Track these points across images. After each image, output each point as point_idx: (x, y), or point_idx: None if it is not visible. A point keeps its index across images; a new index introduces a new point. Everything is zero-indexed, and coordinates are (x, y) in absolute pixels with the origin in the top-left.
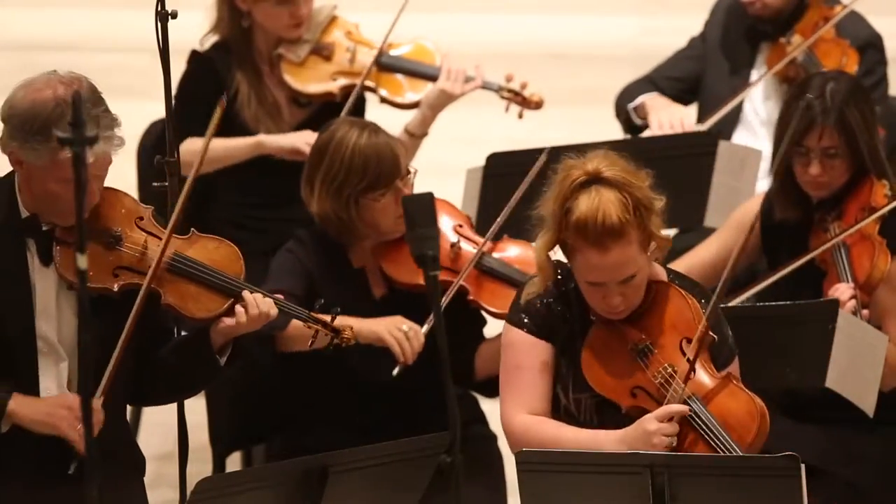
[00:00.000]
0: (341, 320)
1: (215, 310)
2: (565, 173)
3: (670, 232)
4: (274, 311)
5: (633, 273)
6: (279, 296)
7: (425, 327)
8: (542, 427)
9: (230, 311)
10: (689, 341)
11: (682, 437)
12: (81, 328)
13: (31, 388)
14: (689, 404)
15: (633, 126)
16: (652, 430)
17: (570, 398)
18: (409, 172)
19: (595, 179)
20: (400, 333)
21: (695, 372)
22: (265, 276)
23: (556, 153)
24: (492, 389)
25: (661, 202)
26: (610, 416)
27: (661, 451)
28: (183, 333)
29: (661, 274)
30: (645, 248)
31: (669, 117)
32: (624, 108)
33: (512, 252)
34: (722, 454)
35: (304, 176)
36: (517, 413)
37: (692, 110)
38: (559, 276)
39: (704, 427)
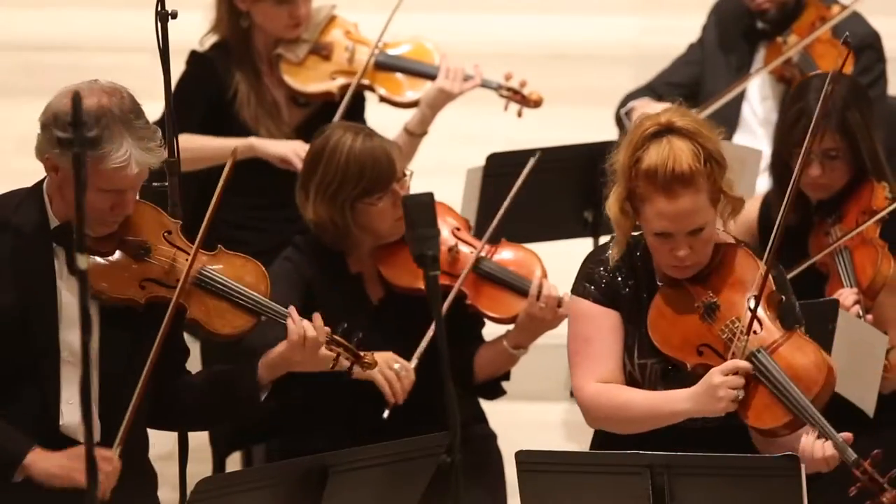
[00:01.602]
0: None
1: (240, 327)
2: (637, 124)
3: None
4: (322, 336)
5: (701, 225)
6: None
7: (414, 361)
8: (612, 393)
9: (252, 330)
10: (757, 298)
11: (750, 389)
12: (83, 330)
13: (54, 397)
14: (755, 356)
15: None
16: (717, 383)
17: (636, 363)
18: (404, 175)
19: (667, 129)
20: (391, 373)
21: (762, 326)
22: None
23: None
24: (491, 392)
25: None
26: (675, 381)
27: (728, 405)
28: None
29: (730, 239)
30: (714, 202)
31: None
32: (619, 115)
33: (510, 256)
34: (788, 404)
35: (299, 182)
36: (588, 382)
37: None
38: (627, 243)
39: (771, 378)
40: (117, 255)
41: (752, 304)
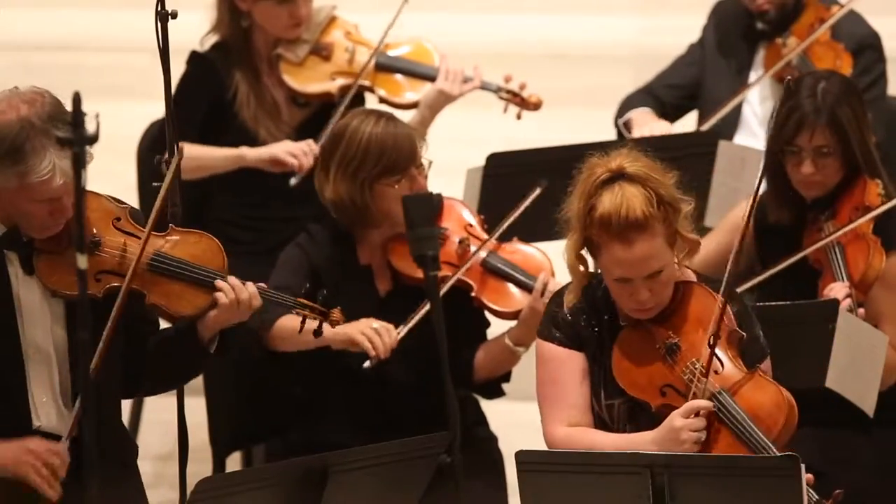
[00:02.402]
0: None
1: (201, 305)
2: (589, 171)
3: None
4: (257, 300)
5: (659, 268)
6: (262, 284)
7: (401, 327)
8: (582, 437)
9: (216, 305)
10: (717, 337)
11: (712, 431)
12: (80, 325)
13: (21, 396)
14: (716, 397)
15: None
16: (679, 426)
17: (603, 404)
18: (422, 164)
19: (618, 176)
20: (370, 331)
21: (723, 366)
22: (266, 274)
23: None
24: (491, 391)
25: (688, 205)
26: (643, 419)
27: (691, 447)
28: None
29: (691, 276)
30: (671, 244)
31: (650, 133)
32: (617, 124)
33: (519, 254)
34: (750, 445)
35: (320, 162)
36: (558, 427)
37: (688, 120)
38: (589, 283)
39: (732, 420)
40: (68, 252)
41: (710, 345)
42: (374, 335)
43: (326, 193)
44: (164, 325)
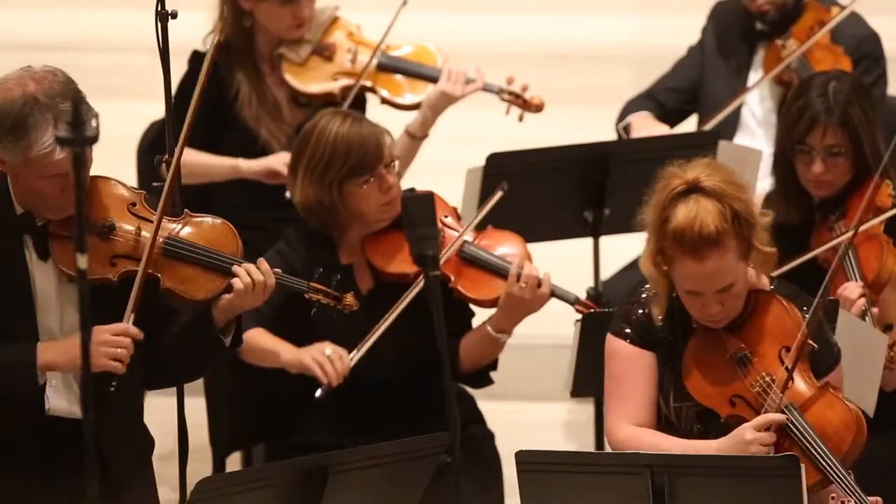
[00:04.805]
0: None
1: (215, 290)
2: (666, 181)
3: None
4: (271, 280)
5: (730, 283)
6: (277, 270)
7: (354, 353)
8: (643, 438)
9: (230, 289)
10: (789, 350)
11: (779, 446)
12: (83, 326)
13: (33, 381)
14: (786, 413)
15: None
16: (749, 439)
17: (671, 407)
18: (392, 161)
19: (694, 188)
20: (322, 357)
21: (793, 381)
22: None
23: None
24: (478, 380)
25: (767, 217)
26: (712, 424)
27: None
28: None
29: (765, 284)
30: (745, 258)
31: (648, 136)
32: (618, 130)
33: (494, 240)
34: (817, 463)
35: (290, 165)
36: (621, 425)
37: (689, 124)
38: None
39: (801, 436)
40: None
41: (788, 364)
42: (326, 362)
43: (296, 197)
44: None
